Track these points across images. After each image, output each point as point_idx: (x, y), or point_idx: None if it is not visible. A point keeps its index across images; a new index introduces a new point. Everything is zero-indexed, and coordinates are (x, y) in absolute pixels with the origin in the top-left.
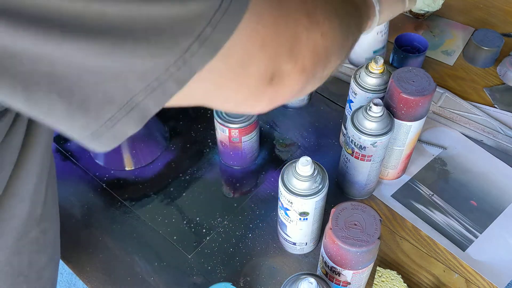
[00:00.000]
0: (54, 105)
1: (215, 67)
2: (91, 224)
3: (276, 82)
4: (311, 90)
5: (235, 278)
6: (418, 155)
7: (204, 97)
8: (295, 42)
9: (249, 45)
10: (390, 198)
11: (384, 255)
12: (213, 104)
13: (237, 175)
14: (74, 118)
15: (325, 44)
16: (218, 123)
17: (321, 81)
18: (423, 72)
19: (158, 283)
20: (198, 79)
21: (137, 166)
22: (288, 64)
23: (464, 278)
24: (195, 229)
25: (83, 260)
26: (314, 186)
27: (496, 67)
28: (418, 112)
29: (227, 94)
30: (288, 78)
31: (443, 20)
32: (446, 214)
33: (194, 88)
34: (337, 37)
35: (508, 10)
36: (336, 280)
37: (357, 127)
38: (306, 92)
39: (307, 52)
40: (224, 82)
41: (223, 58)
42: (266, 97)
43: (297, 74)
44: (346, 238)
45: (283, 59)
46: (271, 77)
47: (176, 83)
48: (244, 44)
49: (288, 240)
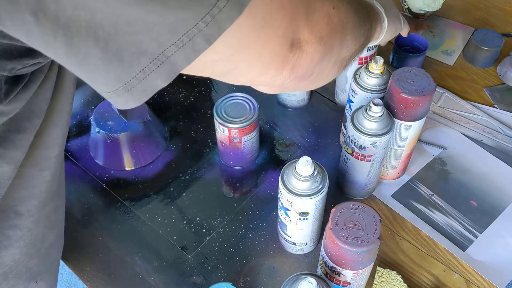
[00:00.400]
0: (90, 53)
1: (240, 26)
2: (91, 224)
3: (296, 48)
4: (329, 73)
5: (235, 278)
6: (418, 155)
7: (229, 61)
8: (310, 9)
9: (269, 5)
10: (390, 198)
11: (384, 255)
12: (236, 71)
13: (237, 175)
14: (108, 68)
15: (339, 16)
16: (218, 123)
17: (339, 65)
18: (423, 72)
19: (158, 283)
20: (225, 38)
21: (137, 166)
22: (305, 30)
23: (464, 278)
24: (195, 229)
25: (83, 260)
26: (314, 186)
27: (496, 67)
28: (418, 112)
29: (251, 57)
30: (306, 45)
31: (443, 20)
32: (446, 214)
33: (221, 48)
34: (350, 15)
35: (508, 10)
36: (336, 280)
37: (357, 127)
38: (324, 73)
39: (322, 22)
40: (249, 43)
41: (247, 16)
42: (288, 64)
43: (315, 42)
44: (346, 238)
45: (301, 23)
46: (291, 42)
47: (205, 39)
48: (265, 4)
49: (288, 240)
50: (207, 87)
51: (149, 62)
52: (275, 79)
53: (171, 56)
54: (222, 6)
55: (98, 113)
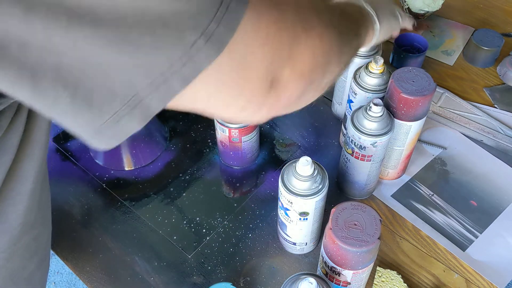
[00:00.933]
0: (59, 97)
1: (219, 65)
2: (91, 224)
3: (275, 86)
4: (311, 99)
5: (235, 278)
6: (418, 155)
7: (207, 100)
8: (294, 45)
9: (251, 43)
10: (390, 198)
11: (384, 255)
12: (215, 109)
13: (237, 175)
14: (78, 113)
15: (323, 49)
16: (218, 123)
17: (321, 90)
18: (423, 72)
19: (158, 283)
20: (202, 78)
21: (137, 166)
22: (287, 68)
23: (464, 278)
24: (195, 229)
25: (83, 260)
26: (314, 186)
27: (496, 67)
28: (418, 112)
29: (229, 97)
30: (287, 82)
31: (443, 20)
32: (446, 214)
33: (198, 88)
34: (335, 44)
35: (508, 10)
36: (336, 280)
37: (357, 127)
38: (306, 101)
39: (306, 57)
40: (227, 83)
41: (227, 56)
42: (267, 103)
43: (295, 79)
44: (346, 238)
45: (283, 62)
46: (271, 81)
47: (181, 80)
48: (246, 42)
49: (288, 240)
50: None
51: (121, 105)
52: (254, 116)
53: (144, 99)
54: (201, 45)
55: None
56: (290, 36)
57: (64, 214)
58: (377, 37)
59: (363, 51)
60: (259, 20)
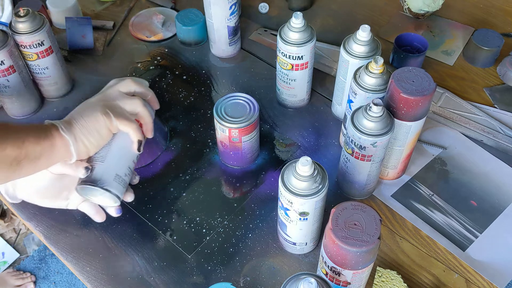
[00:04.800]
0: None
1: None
2: (91, 224)
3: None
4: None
5: (235, 278)
6: (418, 155)
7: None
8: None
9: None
10: (390, 198)
11: (384, 255)
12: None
13: (237, 175)
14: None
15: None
16: (218, 123)
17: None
18: (423, 72)
19: (158, 283)
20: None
21: (137, 166)
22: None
23: (464, 278)
24: (195, 229)
25: (83, 260)
26: (314, 186)
27: (496, 67)
28: (418, 112)
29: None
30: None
31: (443, 20)
32: (446, 214)
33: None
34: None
35: (508, 10)
36: (336, 280)
37: (357, 127)
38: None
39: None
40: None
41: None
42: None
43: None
44: (346, 238)
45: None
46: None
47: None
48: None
49: (288, 240)
50: (207, 87)
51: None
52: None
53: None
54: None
55: None
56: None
57: (65, 214)
58: (78, 143)
59: (361, 51)
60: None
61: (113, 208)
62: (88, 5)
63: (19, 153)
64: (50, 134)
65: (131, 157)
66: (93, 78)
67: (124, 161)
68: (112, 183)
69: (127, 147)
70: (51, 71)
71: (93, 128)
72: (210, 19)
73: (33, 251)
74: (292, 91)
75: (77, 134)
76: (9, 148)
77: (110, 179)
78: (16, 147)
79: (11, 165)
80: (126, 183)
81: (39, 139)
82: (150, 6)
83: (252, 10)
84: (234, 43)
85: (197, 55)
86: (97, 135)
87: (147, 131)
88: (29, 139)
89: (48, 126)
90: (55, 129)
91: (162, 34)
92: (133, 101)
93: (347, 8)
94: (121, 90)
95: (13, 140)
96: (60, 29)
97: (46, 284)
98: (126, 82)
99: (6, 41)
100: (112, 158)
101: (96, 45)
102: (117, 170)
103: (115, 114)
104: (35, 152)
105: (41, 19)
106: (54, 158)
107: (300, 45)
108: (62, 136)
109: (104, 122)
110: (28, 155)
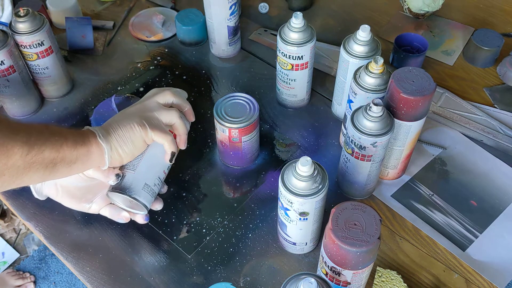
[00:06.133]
0: None
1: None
2: (91, 224)
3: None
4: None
5: (235, 278)
6: (418, 155)
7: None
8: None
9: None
10: (390, 198)
11: (384, 255)
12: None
13: (237, 175)
14: None
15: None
16: (218, 123)
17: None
18: (423, 72)
19: (158, 283)
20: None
21: None
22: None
23: (464, 278)
24: (195, 229)
25: (83, 260)
26: (314, 186)
27: (496, 67)
28: (418, 112)
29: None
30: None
31: (443, 20)
32: (446, 214)
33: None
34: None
35: (508, 10)
36: (336, 280)
37: (357, 127)
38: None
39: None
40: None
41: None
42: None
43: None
44: (346, 238)
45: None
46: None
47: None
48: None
49: (288, 240)
50: (207, 87)
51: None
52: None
53: None
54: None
55: (97, 113)
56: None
57: (65, 214)
58: (113, 152)
59: (361, 51)
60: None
61: (140, 215)
62: (88, 5)
63: (56, 156)
64: (88, 141)
65: (163, 167)
66: (93, 78)
67: (155, 171)
68: (141, 192)
69: (159, 157)
70: (51, 71)
71: (129, 138)
72: (210, 19)
73: (33, 251)
74: (292, 91)
75: (113, 143)
76: (47, 151)
77: (139, 188)
78: (54, 151)
79: (47, 167)
80: (155, 192)
81: (77, 144)
82: (150, 6)
83: (252, 10)
84: (234, 43)
85: (197, 55)
86: (132, 145)
87: (180, 143)
88: (67, 143)
89: (86, 132)
90: (93, 136)
91: (162, 34)
92: (170, 113)
93: (347, 8)
94: (159, 101)
95: (52, 143)
96: (60, 29)
97: (46, 284)
98: (165, 93)
99: (6, 41)
100: (143, 168)
101: (96, 45)
102: (146, 180)
103: (151, 125)
104: (72, 157)
105: (41, 19)
106: (88, 164)
107: (300, 45)
108: (98, 143)
109: (140, 133)
110: (64, 159)
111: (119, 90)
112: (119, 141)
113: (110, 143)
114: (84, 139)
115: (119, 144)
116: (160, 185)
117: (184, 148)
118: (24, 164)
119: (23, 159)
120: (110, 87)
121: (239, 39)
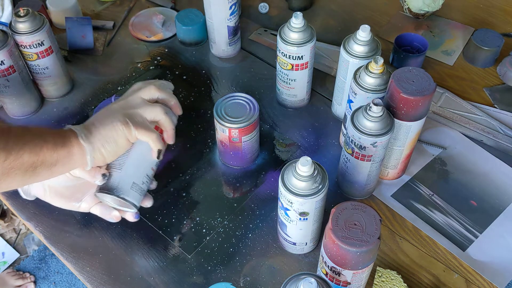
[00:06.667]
0: None
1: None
2: (91, 224)
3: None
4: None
5: (235, 278)
6: (418, 155)
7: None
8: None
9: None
10: (390, 198)
11: (384, 255)
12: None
13: (237, 175)
14: None
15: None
16: (218, 123)
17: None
18: (423, 72)
19: (158, 283)
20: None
21: None
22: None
23: (464, 278)
24: (195, 229)
25: (83, 260)
26: (314, 186)
27: (496, 67)
28: (418, 112)
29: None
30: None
31: (443, 20)
32: (446, 214)
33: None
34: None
35: (508, 10)
36: (336, 280)
37: (357, 127)
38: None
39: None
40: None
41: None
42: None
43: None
44: (346, 238)
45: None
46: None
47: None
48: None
49: (288, 240)
50: (207, 87)
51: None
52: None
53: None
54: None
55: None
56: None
57: (64, 214)
58: (92, 160)
59: (361, 51)
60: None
61: (130, 214)
62: (88, 5)
63: (36, 160)
64: (69, 142)
65: (150, 165)
66: (93, 78)
67: (143, 169)
68: (129, 192)
69: (146, 154)
70: (51, 71)
71: (111, 137)
72: (210, 19)
73: (33, 251)
74: (292, 91)
75: (95, 143)
76: (26, 155)
77: (127, 187)
78: (33, 154)
79: (27, 171)
80: (144, 190)
81: (57, 146)
82: (150, 6)
83: (252, 10)
84: (234, 43)
85: (197, 55)
86: (115, 145)
87: (168, 138)
88: (47, 145)
89: (67, 132)
90: (74, 136)
91: (162, 34)
92: (154, 109)
93: (347, 8)
94: (143, 97)
95: (30, 147)
96: (60, 29)
97: (46, 284)
98: (149, 88)
99: (6, 41)
100: (130, 166)
101: (96, 45)
102: (134, 178)
103: (134, 123)
104: (52, 159)
105: (41, 19)
106: (70, 165)
107: (300, 45)
108: (80, 144)
109: (123, 132)
110: (44, 162)
111: (119, 90)
112: (102, 140)
113: (92, 143)
114: (65, 140)
115: (101, 144)
116: (148, 182)
117: (173, 143)
118: (2, 170)
119: (1, 165)
120: (110, 87)
121: (239, 39)
